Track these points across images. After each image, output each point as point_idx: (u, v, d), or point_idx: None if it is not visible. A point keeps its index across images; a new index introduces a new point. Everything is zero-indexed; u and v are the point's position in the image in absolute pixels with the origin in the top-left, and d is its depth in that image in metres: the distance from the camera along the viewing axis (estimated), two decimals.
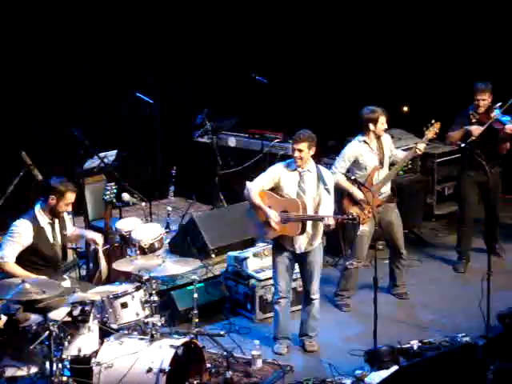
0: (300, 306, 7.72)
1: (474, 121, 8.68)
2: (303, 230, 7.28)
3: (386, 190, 8.17)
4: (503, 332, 7.17)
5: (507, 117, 8.60)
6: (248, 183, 7.40)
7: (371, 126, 7.98)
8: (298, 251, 7.39)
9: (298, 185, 7.30)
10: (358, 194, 7.94)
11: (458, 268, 9.00)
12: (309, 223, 7.30)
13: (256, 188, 7.36)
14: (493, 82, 8.74)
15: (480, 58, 10.65)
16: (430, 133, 8.10)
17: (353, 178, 7.67)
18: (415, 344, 7.40)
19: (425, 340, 7.49)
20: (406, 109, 10.36)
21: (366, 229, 8.03)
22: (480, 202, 8.92)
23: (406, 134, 10.07)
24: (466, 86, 8.84)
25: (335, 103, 11.08)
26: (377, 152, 8.07)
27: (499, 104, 8.59)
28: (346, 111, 10.82)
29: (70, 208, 6.96)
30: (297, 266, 7.55)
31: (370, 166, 8.02)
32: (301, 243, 7.37)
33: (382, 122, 7.98)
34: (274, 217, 7.28)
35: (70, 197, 6.89)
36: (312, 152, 7.29)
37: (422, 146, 8.08)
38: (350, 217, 7.28)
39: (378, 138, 8.07)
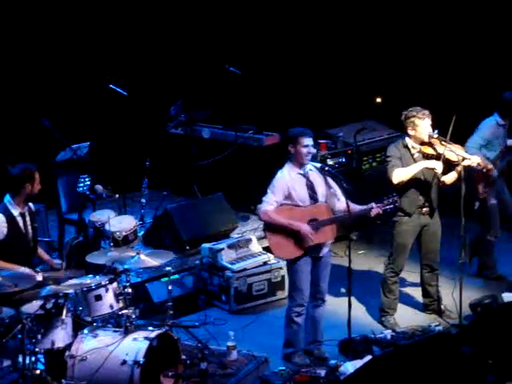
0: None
1: (416, 155, 7.38)
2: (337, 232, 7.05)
3: None
4: (475, 320, 7.23)
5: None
6: (261, 206, 6.93)
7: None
8: (321, 254, 7.07)
9: (307, 188, 6.97)
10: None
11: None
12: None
13: (272, 207, 6.90)
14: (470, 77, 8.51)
15: (455, 49, 10.70)
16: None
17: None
18: (388, 334, 7.47)
19: (398, 329, 7.56)
20: (379, 100, 10.39)
21: (494, 201, 8.25)
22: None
23: (379, 124, 10.10)
24: (439, 76, 8.81)
25: (309, 94, 11.09)
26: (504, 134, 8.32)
27: (436, 131, 7.35)
28: (319, 102, 10.91)
29: (39, 186, 6.99)
30: None
31: (500, 146, 8.24)
32: (326, 246, 7.11)
33: None
34: (309, 232, 6.86)
35: (37, 175, 6.96)
36: None
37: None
38: (391, 200, 6.99)
39: None
